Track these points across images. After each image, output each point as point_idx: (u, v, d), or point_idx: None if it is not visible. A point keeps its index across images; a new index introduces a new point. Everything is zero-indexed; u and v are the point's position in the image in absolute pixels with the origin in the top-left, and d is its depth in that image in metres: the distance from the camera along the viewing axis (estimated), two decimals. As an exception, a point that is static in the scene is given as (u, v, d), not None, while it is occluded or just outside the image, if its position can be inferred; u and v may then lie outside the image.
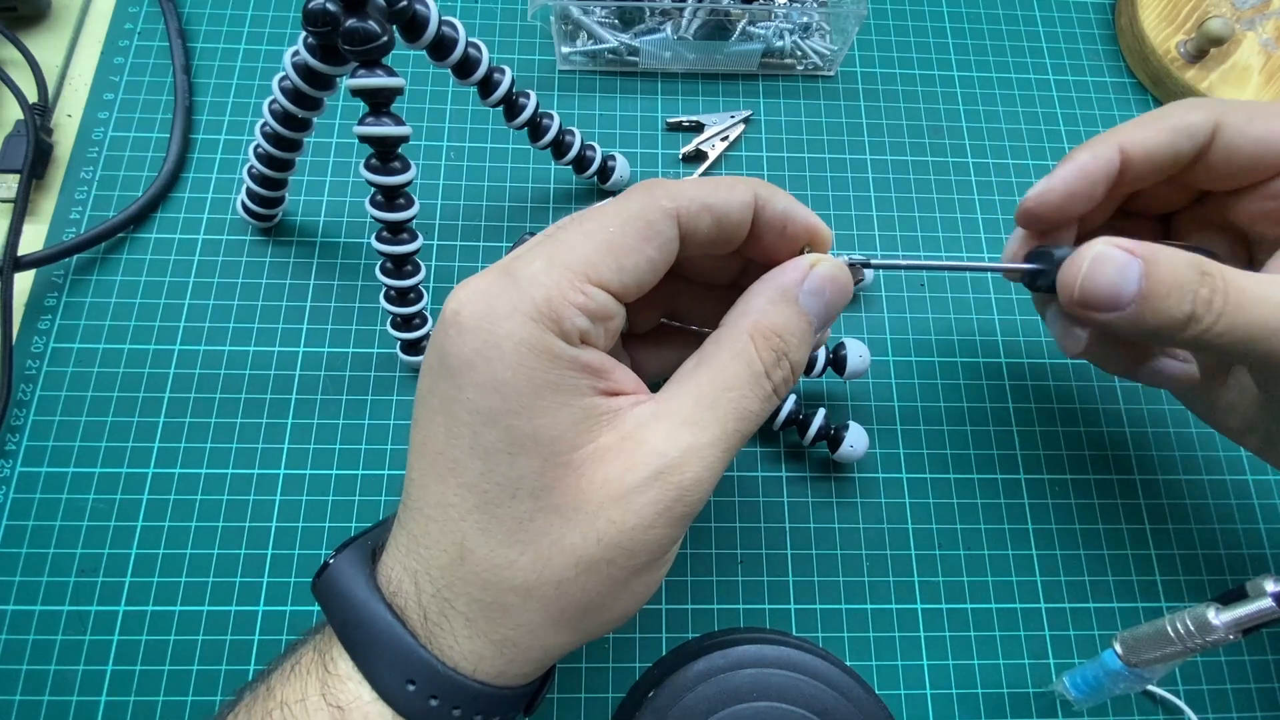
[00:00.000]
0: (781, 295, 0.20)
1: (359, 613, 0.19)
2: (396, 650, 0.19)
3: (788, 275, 0.21)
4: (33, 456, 0.31)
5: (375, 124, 0.26)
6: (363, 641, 0.19)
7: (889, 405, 0.34)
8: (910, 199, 0.38)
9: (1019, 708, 0.30)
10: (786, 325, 0.20)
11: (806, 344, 0.21)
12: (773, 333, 0.20)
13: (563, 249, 0.19)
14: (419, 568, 0.19)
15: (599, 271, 0.19)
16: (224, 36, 0.39)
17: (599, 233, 0.19)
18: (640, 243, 0.19)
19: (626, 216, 0.19)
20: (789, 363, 0.20)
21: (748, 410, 0.20)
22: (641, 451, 0.19)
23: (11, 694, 0.28)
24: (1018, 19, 0.43)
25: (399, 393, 0.33)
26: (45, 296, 0.34)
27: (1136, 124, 0.26)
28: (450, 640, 0.19)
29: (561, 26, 0.39)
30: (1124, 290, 0.22)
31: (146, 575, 0.30)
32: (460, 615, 0.19)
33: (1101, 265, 0.22)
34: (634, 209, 0.19)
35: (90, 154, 0.36)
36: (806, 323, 0.21)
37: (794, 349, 0.20)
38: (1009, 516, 0.33)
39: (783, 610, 0.31)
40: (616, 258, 0.19)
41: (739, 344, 0.20)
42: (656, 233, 0.19)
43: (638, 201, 0.19)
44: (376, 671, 0.19)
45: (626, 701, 0.26)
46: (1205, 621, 0.24)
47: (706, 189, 0.20)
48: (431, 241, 0.36)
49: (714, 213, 0.20)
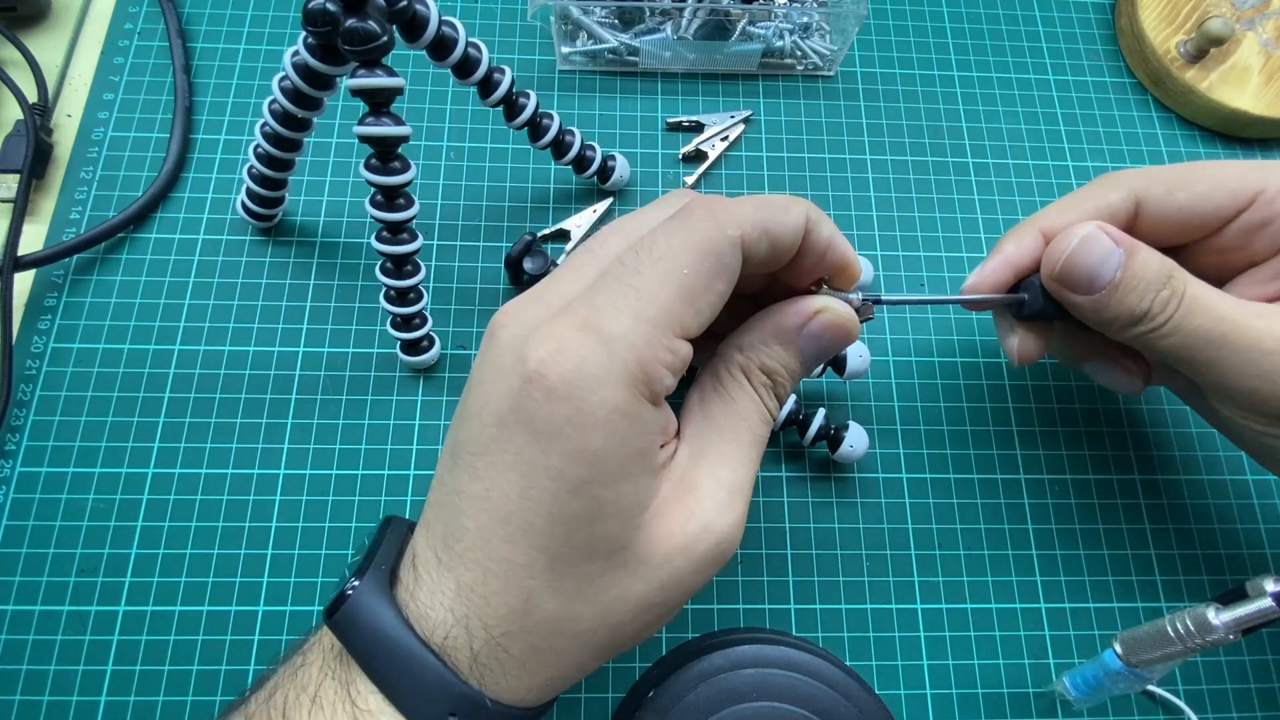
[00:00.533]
0: (777, 337, 0.21)
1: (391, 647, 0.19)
2: (438, 686, 0.18)
3: (789, 319, 0.21)
4: (33, 456, 0.31)
5: (375, 124, 0.26)
6: (397, 676, 0.19)
7: (889, 405, 0.34)
8: (910, 199, 0.38)
9: (1019, 708, 0.30)
10: (777, 366, 0.21)
11: (796, 379, 0.22)
12: (762, 371, 0.21)
13: (645, 301, 0.18)
14: (470, 614, 0.19)
15: (682, 322, 0.18)
16: (224, 36, 0.39)
17: (674, 275, 0.18)
18: (713, 281, 0.19)
19: (698, 253, 0.19)
20: (781, 392, 0.22)
21: (760, 438, 0.21)
22: (694, 500, 0.20)
23: (11, 694, 0.28)
24: (1018, 19, 0.43)
25: (399, 393, 0.33)
26: (45, 296, 0.34)
27: (1059, 208, 0.27)
28: (498, 679, 0.19)
29: (561, 26, 0.39)
30: (1101, 275, 0.24)
31: (146, 575, 0.30)
32: (515, 660, 0.19)
33: (1088, 246, 0.24)
34: (701, 241, 0.19)
35: (90, 154, 0.36)
36: (798, 363, 0.22)
37: (782, 384, 0.22)
38: (1009, 516, 0.33)
39: (783, 610, 0.31)
40: (694, 302, 0.19)
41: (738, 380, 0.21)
42: (725, 266, 0.19)
43: (703, 231, 0.19)
44: (414, 706, 0.19)
45: (626, 701, 0.26)
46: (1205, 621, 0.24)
47: (765, 212, 0.20)
48: (431, 241, 0.36)
49: (771, 237, 0.20)
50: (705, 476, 0.20)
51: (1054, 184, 0.39)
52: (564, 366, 0.17)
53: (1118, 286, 0.24)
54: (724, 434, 0.21)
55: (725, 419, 0.21)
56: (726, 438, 0.21)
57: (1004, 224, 0.38)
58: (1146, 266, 0.24)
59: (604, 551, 0.19)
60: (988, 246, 0.37)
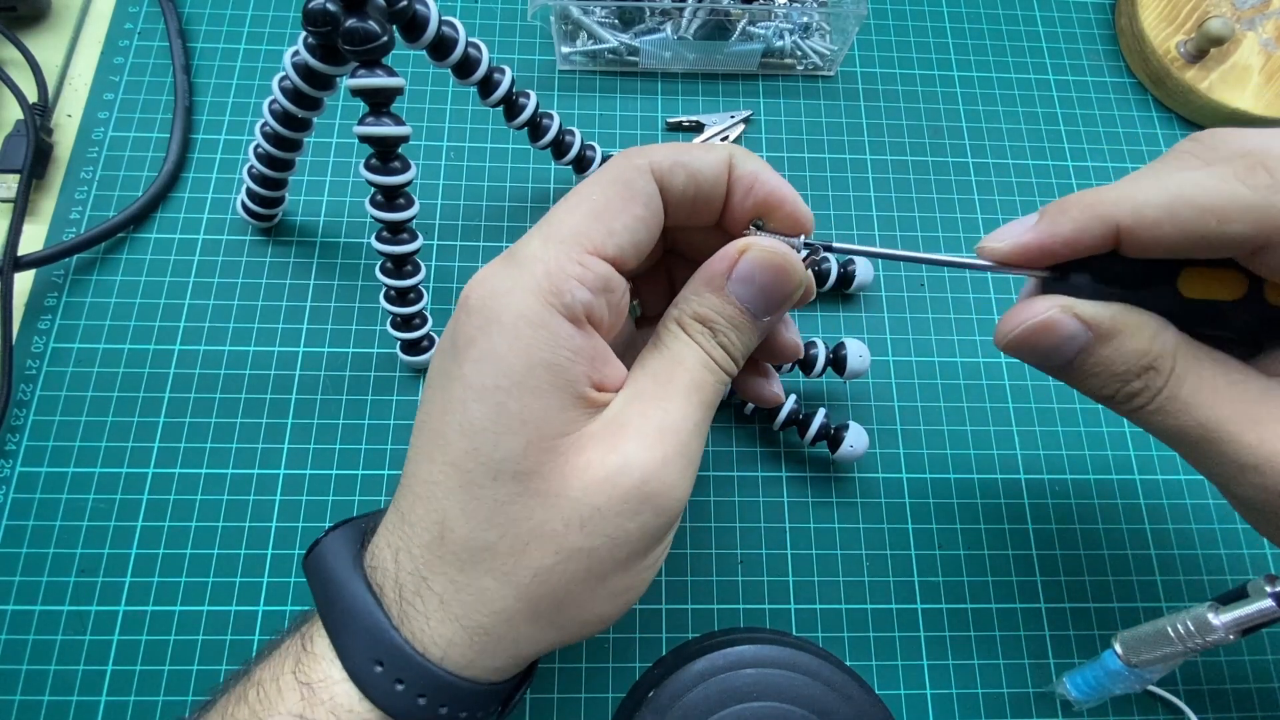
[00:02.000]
0: (706, 284, 0.21)
1: (339, 591, 0.19)
2: (369, 630, 0.19)
3: (715, 264, 0.21)
4: (33, 456, 0.31)
5: (375, 124, 0.26)
6: (339, 620, 0.19)
7: (889, 405, 0.34)
8: (910, 199, 0.38)
9: (1019, 708, 0.30)
10: (708, 313, 0.21)
11: (741, 328, 0.21)
12: (698, 320, 0.21)
13: (554, 225, 0.20)
14: (401, 544, 0.19)
15: (592, 239, 0.19)
16: (224, 36, 0.39)
17: (583, 202, 0.20)
18: (624, 203, 0.20)
19: (605, 182, 0.20)
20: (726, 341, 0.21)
21: (700, 383, 0.20)
22: (620, 436, 0.19)
23: (11, 694, 0.28)
24: (1018, 19, 0.42)
25: (399, 393, 0.33)
26: (45, 296, 0.34)
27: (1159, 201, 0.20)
28: (422, 622, 0.19)
29: (561, 26, 0.39)
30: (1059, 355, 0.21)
31: (146, 575, 0.30)
32: (435, 595, 0.19)
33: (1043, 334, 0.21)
34: (611, 174, 0.20)
35: (90, 154, 0.36)
36: (735, 310, 0.21)
37: (725, 330, 0.21)
38: (1009, 516, 0.33)
39: (783, 610, 0.31)
40: (604, 222, 0.19)
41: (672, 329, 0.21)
42: (637, 190, 0.20)
43: (614, 166, 0.20)
44: (348, 651, 0.19)
45: (626, 701, 0.26)
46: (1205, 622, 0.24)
47: (680, 148, 0.21)
48: (431, 241, 0.36)
49: (687, 168, 0.20)
50: (634, 415, 0.19)
51: (1054, 184, 0.39)
52: (482, 288, 0.19)
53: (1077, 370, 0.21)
54: (657, 377, 0.20)
55: (659, 365, 0.20)
56: (659, 380, 0.20)
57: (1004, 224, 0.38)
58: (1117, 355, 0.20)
59: (512, 471, 0.18)
60: (988, 246, 0.37)
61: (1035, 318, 0.21)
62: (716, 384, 0.21)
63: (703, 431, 0.20)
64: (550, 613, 0.19)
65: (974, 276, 0.37)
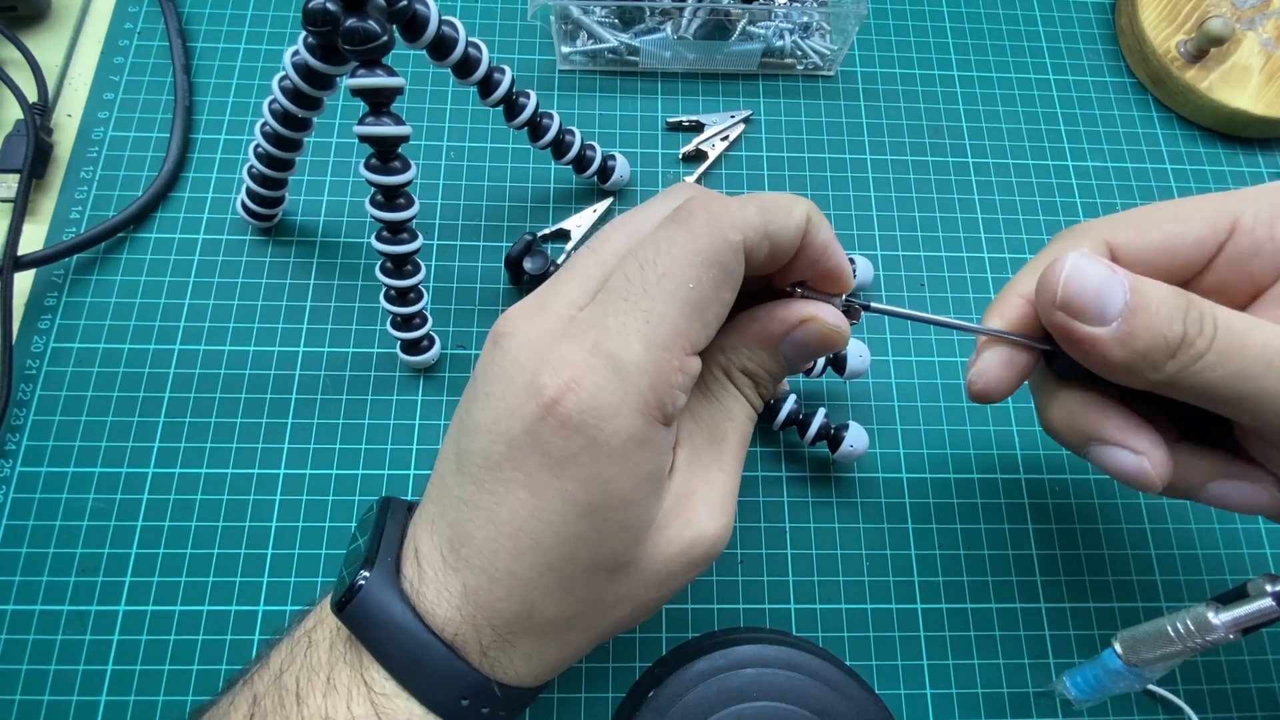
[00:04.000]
0: (761, 343, 0.21)
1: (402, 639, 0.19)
2: (450, 674, 0.19)
3: (774, 325, 0.21)
4: (33, 456, 0.31)
5: (375, 124, 0.26)
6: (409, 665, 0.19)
7: (889, 405, 0.34)
8: (910, 199, 0.38)
9: (1019, 707, 0.30)
10: (759, 370, 0.22)
11: (779, 379, 0.22)
12: (746, 374, 0.22)
13: (655, 323, 0.18)
14: (478, 616, 0.19)
15: (691, 339, 0.18)
16: (224, 36, 0.39)
17: (681, 290, 0.18)
18: (719, 291, 0.19)
19: (702, 264, 0.18)
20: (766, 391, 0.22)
21: (746, 436, 0.22)
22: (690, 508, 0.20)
23: (11, 694, 0.28)
24: (1018, 19, 0.42)
25: (399, 393, 0.33)
26: (45, 296, 0.34)
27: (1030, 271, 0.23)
28: (506, 668, 0.20)
29: (561, 26, 0.39)
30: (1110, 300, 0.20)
31: (146, 575, 0.30)
32: (521, 653, 0.20)
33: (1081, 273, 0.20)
34: (705, 250, 0.18)
35: (90, 154, 0.36)
36: (781, 366, 0.22)
37: (764, 384, 0.22)
38: (1009, 516, 0.33)
39: (783, 610, 0.31)
40: (701, 315, 0.18)
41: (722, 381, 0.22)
42: (730, 275, 0.19)
43: (707, 239, 0.18)
44: (428, 692, 0.19)
45: (627, 701, 0.26)
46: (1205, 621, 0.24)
47: (769, 214, 0.19)
48: (431, 241, 0.36)
49: (773, 241, 0.19)
50: (700, 483, 0.21)
51: (1054, 184, 0.39)
52: (579, 397, 0.17)
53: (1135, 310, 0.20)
54: (714, 438, 0.21)
55: (714, 422, 0.21)
56: (717, 441, 0.21)
57: (1004, 224, 0.38)
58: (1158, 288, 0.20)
59: (609, 568, 0.19)
60: (987, 246, 0.37)
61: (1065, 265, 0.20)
62: (751, 429, 0.22)
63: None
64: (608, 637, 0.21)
65: (974, 276, 0.37)
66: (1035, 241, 0.37)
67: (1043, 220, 0.38)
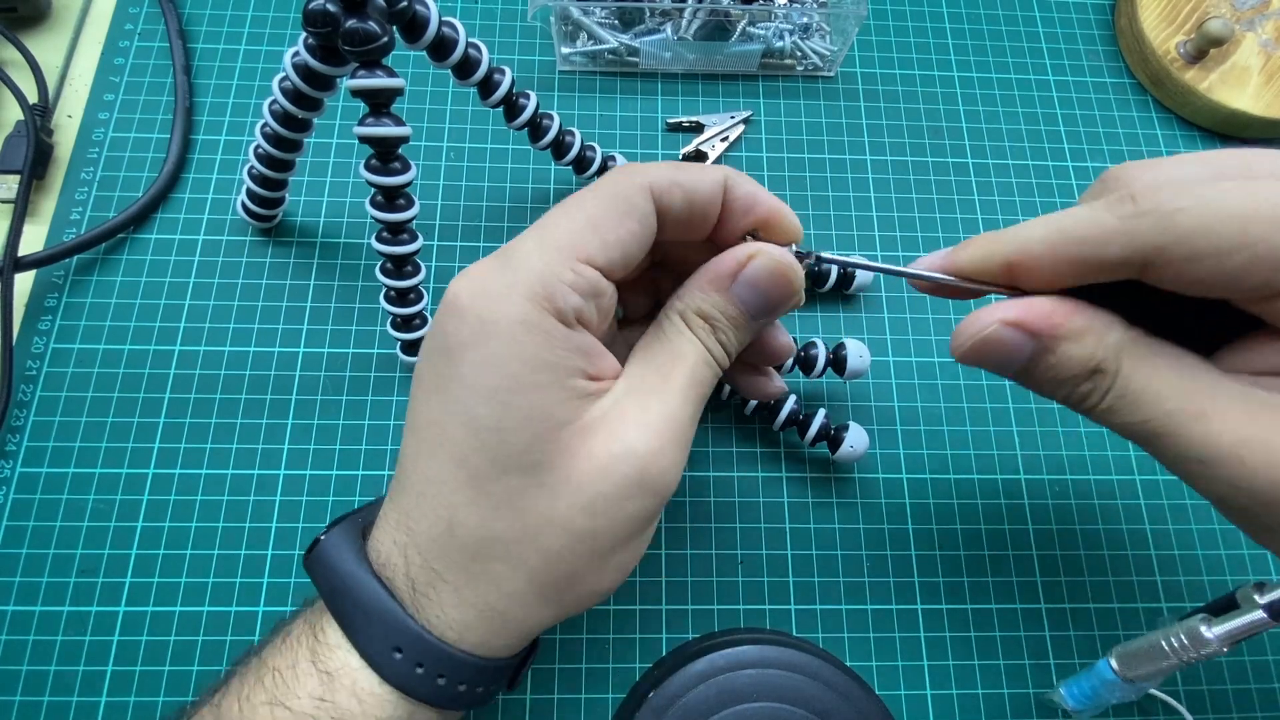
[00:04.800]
0: (712, 283, 0.22)
1: (346, 583, 0.20)
2: (384, 619, 0.19)
3: (721, 264, 0.22)
4: (33, 457, 0.31)
5: (375, 125, 0.26)
6: (350, 611, 0.20)
7: (889, 405, 0.34)
8: (910, 199, 0.38)
9: (1019, 708, 0.30)
10: (712, 311, 0.22)
11: (739, 328, 0.22)
12: (701, 316, 0.22)
13: (549, 231, 0.20)
14: (408, 541, 0.20)
15: (585, 248, 0.20)
16: (224, 37, 0.39)
17: (580, 212, 0.20)
18: (620, 217, 0.20)
19: (604, 195, 0.21)
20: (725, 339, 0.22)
21: (699, 378, 0.21)
22: (620, 425, 0.20)
23: (12, 695, 0.28)
24: (1017, 19, 0.43)
25: (399, 393, 0.33)
26: (45, 297, 0.34)
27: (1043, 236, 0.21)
28: (437, 610, 0.20)
29: (561, 27, 0.39)
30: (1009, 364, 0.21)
31: (147, 576, 0.30)
32: (448, 585, 0.20)
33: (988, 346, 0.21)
34: (610, 188, 0.21)
35: (90, 154, 0.36)
36: (737, 309, 0.22)
37: (725, 329, 0.22)
38: (1009, 516, 0.33)
39: (783, 611, 0.31)
40: (599, 233, 0.20)
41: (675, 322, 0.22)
42: (633, 206, 0.20)
43: (613, 181, 0.21)
44: (364, 640, 0.20)
45: (627, 701, 0.26)
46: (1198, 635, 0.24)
47: (678, 168, 0.21)
48: (431, 242, 0.36)
49: (684, 188, 0.21)
50: (634, 407, 0.20)
51: (1054, 184, 0.39)
52: (471, 285, 0.20)
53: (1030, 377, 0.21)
54: (658, 369, 0.21)
55: (660, 357, 0.22)
56: (660, 373, 0.21)
57: (1004, 224, 0.38)
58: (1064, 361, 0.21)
59: (519, 465, 0.19)
60: (988, 247, 0.37)
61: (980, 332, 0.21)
62: (711, 378, 0.22)
63: (695, 422, 0.22)
64: (558, 592, 0.20)
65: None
66: (1035, 242, 0.37)
67: (1042, 221, 0.38)
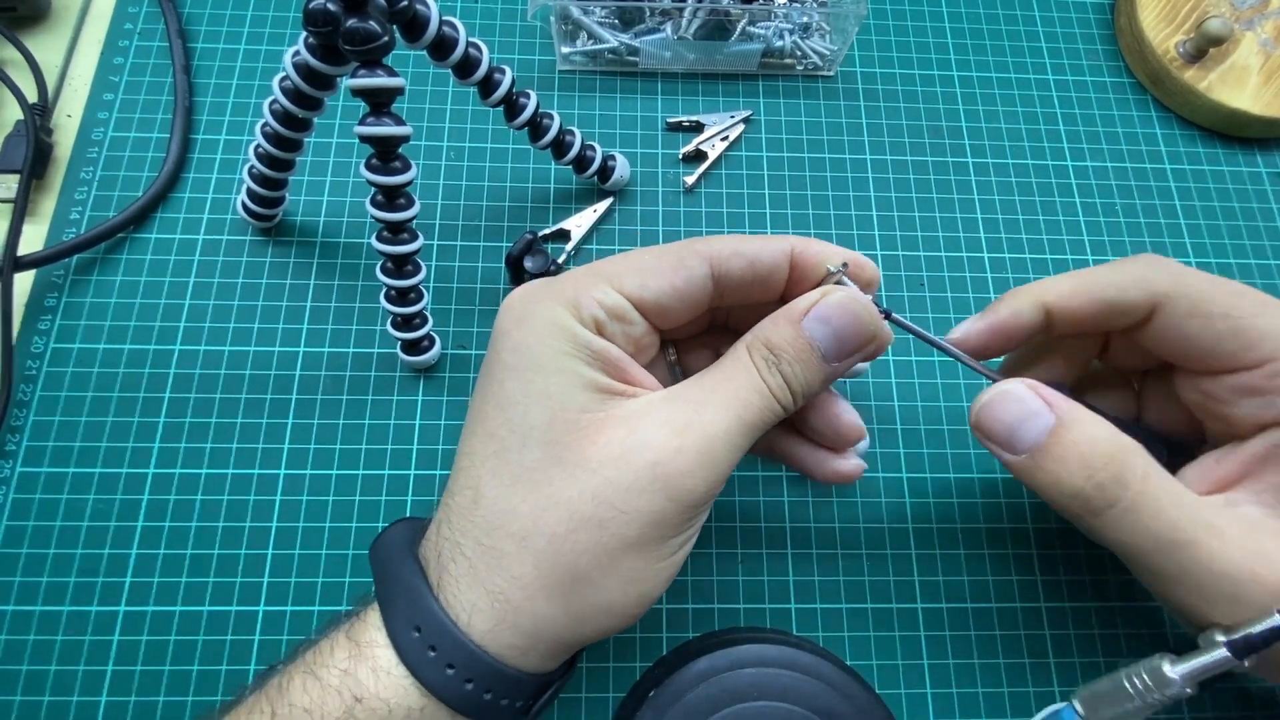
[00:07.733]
0: (784, 317, 0.22)
1: (390, 566, 0.21)
2: (409, 596, 0.20)
3: (796, 303, 0.22)
4: (33, 457, 0.31)
5: (376, 124, 0.26)
6: (388, 591, 0.21)
7: (889, 405, 0.34)
8: (910, 199, 0.38)
9: (1019, 707, 0.30)
10: (779, 341, 0.21)
11: (807, 363, 0.21)
12: (765, 345, 0.22)
13: (599, 263, 0.23)
14: (443, 516, 0.21)
15: (623, 281, 0.22)
16: (224, 36, 0.39)
17: (633, 258, 0.23)
18: (668, 270, 0.22)
19: (660, 250, 0.23)
20: (789, 371, 0.21)
21: (745, 403, 0.21)
22: (645, 422, 0.21)
23: (12, 694, 0.28)
24: (1017, 19, 0.43)
25: (399, 393, 0.33)
26: (45, 297, 0.34)
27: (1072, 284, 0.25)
28: (454, 587, 0.20)
29: (561, 26, 0.39)
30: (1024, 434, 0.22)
31: (147, 575, 0.30)
32: (465, 559, 0.20)
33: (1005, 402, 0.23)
34: (669, 246, 0.23)
35: (90, 154, 0.36)
36: (806, 344, 0.21)
37: (788, 362, 0.21)
38: (1009, 515, 0.33)
39: (783, 609, 0.31)
40: (642, 277, 0.22)
41: (737, 351, 0.22)
42: (685, 267, 0.22)
43: (676, 243, 0.23)
44: (390, 615, 0.20)
45: (627, 701, 0.26)
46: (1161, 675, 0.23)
47: (741, 239, 0.23)
48: (431, 241, 0.36)
49: (746, 256, 0.22)
50: (662, 408, 0.21)
51: (1053, 184, 0.39)
52: (521, 293, 0.23)
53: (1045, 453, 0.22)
54: (701, 385, 0.22)
55: (709, 376, 0.22)
56: (702, 388, 0.21)
57: (1004, 224, 0.38)
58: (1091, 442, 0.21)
59: (539, 439, 0.20)
60: (987, 246, 0.37)
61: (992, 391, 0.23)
62: (764, 408, 0.21)
63: (734, 444, 0.21)
64: (564, 588, 0.20)
65: (974, 276, 0.37)
66: (1035, 241, 0.38)
67: (1042, 220, 0.38)
